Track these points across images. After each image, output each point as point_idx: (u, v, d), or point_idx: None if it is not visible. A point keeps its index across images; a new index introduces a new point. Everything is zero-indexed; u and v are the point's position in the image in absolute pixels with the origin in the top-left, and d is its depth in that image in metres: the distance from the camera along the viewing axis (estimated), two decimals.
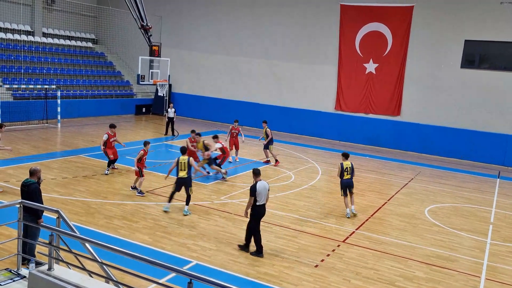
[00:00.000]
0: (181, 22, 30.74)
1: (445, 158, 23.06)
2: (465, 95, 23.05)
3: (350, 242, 10.46)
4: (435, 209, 13.77)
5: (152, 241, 9.59)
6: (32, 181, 7.80)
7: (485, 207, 14.55)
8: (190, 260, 8.80)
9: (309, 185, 15.42)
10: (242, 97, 29.03)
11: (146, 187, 13.47)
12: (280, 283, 8.17)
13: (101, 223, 10.40)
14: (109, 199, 12.16)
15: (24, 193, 7.78)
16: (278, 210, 12.31)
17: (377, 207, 13.45)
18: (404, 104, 24.68)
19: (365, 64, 25.36)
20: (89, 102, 27.42)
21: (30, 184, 7.75)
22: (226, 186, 14.41)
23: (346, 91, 26.04)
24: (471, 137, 22.93)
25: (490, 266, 9.73)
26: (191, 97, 30.67)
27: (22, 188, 7.85)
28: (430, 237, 11.24)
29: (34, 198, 7.56)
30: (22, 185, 7.88)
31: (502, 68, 22.49)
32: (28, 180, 7.84)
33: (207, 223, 10.93)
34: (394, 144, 24.69)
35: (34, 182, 7.80)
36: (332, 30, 25.91)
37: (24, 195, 7.74)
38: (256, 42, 28.29)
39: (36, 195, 7.69)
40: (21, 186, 7.90)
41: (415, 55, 24.11)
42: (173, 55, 28.90)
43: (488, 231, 12.10)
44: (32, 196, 7.59)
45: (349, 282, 8.44)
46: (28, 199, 7.37)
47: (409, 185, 16.65)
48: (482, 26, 22.36)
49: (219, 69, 29.79)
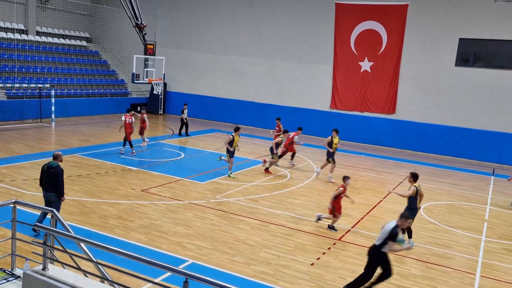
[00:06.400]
0: (177, 20, 30.65)
1: (441, 156, 23.14)
2: (460, 93, 23.14)
3: (346, 240, 10.47)
4: (430, 207, 13.81)
5: (148, 240, 9.56)
6: (56, 164, 9.03)
7: (480, 205, 14.61)
8: (186, 259, 8.77)
9: (305, 184, 15.42)
10: (238, 96, 29.01)
11: (142, 186, 13.43)
12: (276, 281, 8.16)
13: (96, 222, 10.34)
14: (104, 198, 12.11)
15: (49, 174, 8.97)
16: (274, 209, 12.30)
17: (372, 205, 13.47)
18: (399, 102, 24.75)
19: (360, 62, 25.39)
20: (83, 101, 27.29)
21: (56, 167, 8.99)
22: (221, 184, 14.39)
23: (342, 90, 26.07)
24: (466, 135, 23.04)
25: (485, 263, 9.77)
26: (187, 96, 30.59)
27: (48, 170, 8.98)
28: (426, 235, 11.27)
29: (59, 179, 8.97)
30: (47, 167, 9.02)
31: (497, 66, 22.58)
32: (52, 163, 9.05)
33: (203, 222, 10.91)
34: (390, 142, 24.76)
35: (58, 165, 9.04)
36: (328, 29, 25.92)
37: (49, 176, 8.96)
38: (252, 40, 28.26)
39: (60, 176, 9.00)
40: (46, 168, 9.02)
41: (410, 53, 24.17)
42: (169, 53, 28.84)
43: (483, 228, 12.15)
44: (57, 177, 8.94)
45: (345, 280, 8.44)
46: (52, 179, 8.91)
47: (405, 183, 16.67)
48: (476, 24, 22.45)
49: (215, 68, 29.75)
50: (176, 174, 15.11)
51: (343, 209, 12.90)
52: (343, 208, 12.96)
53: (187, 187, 13.85)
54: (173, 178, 14.60)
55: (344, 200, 11.62)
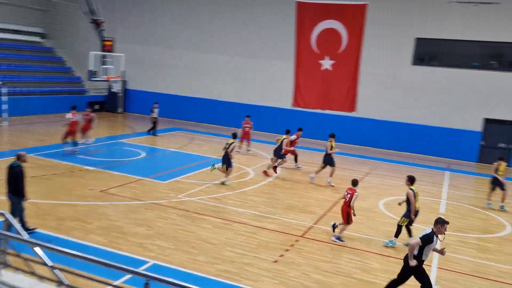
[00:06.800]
0: (136, 16, 29.98)
1: (400, 153, 23.81)
2: (417, 91, 23.90)
3: (309, 237, 10.56)
4: (389, 202, 14.17)
5: (107, 242, 9.28)
6: (17, 164, 9.15)
7: (436, 199, 15.13)
8: (147, 260, 8.57)
9: (268, 182, 15.46)
10: (200, 94, 28.74)
11: (100, 187, 13.04)
12: (239, 280, 8.11)
13: (52, 225, 9.95)
14: (61, 200, 11.67)
15: (9, 174, 9.10)
16: (238, 207, 12.25)
17: (334, 202, 13.67)
18: (360, 100, 25.23)
19: (321, 61, 25.71)
20: (38, 99, 26.23)
21: (16, 167, 9.11)
22: (183, 184, 14.19)
23: (303, 88, 26.31)
24: (423, 131, 23.83)
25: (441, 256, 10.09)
26: (147, 94, 30.03)
27: (9, 169, 9.12)
28: (385, 229, 11.54)
29: (18, 179, 9.04)
30: (9, 167, 9.14)
31: (451, 65, 23.47)
32: (14, 163, 9.16)
33: (165, 221, 10.71)
34: (351, 140, 25.23)
35: (18, 165, 9.14)
36: (289, 28, 26.07)
37: (9, 176, 9.10)
38: (215, 38, 28.06)
39: (20, 176, 9.06)
40: (8, 168, 9.15)
41: (369, 52, 24.67)
42: (128, 50, 28.12)
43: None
44: (17, 177, 9.03)
45: (308, 276, 8.50)
46: (12, 179, 9.05)
47: (366, 179, 17.05)
48: (432, 24, 23.24)
49: (177, 65, 29.32)
50: (137, 174, 14.77)
51: (307, 206, 13.05)
52: (307, 205, 13.12)
53: (148, 186, 13.57)
54: (134, 178, 14.27)
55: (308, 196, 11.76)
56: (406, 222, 10.46)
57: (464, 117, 23.08)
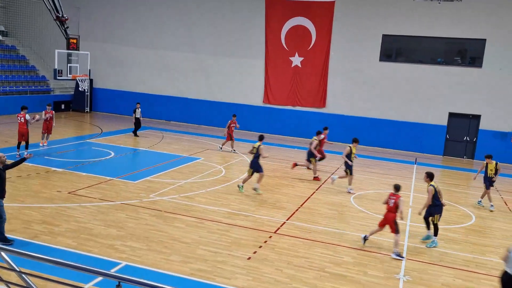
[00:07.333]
0: (102, 13, 29.35)
1: (370, 148, 24.23)
2: (384, 87, 24.38)
3: (282, 233, 10.63)
4: (360, 196, 14.42)
5: (77, 244, 9.07)
6: None
7: (405, 192, 15.47)
8: (119, 262, 8.43)
9: (240, 179, 15.45)
10: (169, 92, 28.42)
11: (68, 188, 12.73)
12: (213, 278, 8.09)
13: (19, 229, 9.64)
14: (27, 203, 11.32)
15: None
16: (210, 205, 12.20)
17: (306, 197, 13.80)
18: (329, 96, 25.57)
19: (291, 57, 25.89)
20: (1, 99, 25.34)
21: None
22: (154, 183, 14.01)
23: (274, 85, 26.43)
24: (391, 126, 24.34)
25: (410, 247, 10.37)
26: (115, 93, 29.51)
27: None
28: (356, 223, 11.74)
29: None
30: None
31: (417, 61, 24.05)
32: None
33: (136, 222, 10.55)
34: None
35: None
36: (259, 24, 26.12)
37: None
38: (183, 35, 27.78)
39: None
40: None
41: (337, 49, 25.03)
42: (94, 48, 27.49)
43: (408, 214, 12.87)
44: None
45: (281, 271, 8.56)
46: None
47: (336, 174, 17.25)
48: (398, 21, 23.75)
49: (145, 63, 28.90)
50: (106, 174, 14.49)
51: (279, 202, 13.12)
52: (279, 201, 13.18)
53: (118, 187, 13.34)
54: (103, 179, 13.99)
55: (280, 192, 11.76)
56: (439, 218, 10.52)
57: (430, 111, 23.71)
